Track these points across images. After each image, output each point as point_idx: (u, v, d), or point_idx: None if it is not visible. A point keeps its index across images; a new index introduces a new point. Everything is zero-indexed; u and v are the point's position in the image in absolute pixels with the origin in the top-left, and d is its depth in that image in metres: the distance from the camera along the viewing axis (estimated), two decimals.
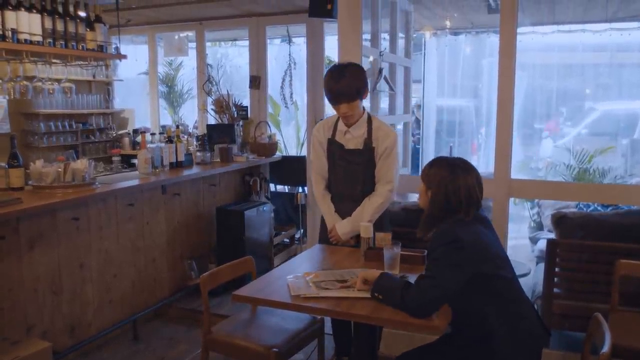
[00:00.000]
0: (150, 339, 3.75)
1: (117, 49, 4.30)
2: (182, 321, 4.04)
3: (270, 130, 5.51)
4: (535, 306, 3.10)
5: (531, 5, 4.97)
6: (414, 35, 6.12)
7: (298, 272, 2.42)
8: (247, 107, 5.43)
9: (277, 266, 2.73)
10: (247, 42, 5.80)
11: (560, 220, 3.16)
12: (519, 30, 3.04)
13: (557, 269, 3.19)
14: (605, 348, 1.84)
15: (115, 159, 4.82)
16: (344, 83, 2.70)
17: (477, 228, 2.10)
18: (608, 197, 2.91)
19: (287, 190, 6.09)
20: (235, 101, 5.23)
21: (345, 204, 2.95)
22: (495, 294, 2.05)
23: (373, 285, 2.12)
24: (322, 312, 2.08)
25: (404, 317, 1.95)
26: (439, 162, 2.21)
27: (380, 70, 3.85)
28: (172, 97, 7.71)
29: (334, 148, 2.94)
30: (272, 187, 5.80)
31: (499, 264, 2.08)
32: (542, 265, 3.52)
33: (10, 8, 3.32)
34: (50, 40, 3.56)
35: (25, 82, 3.61)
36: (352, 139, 2.90)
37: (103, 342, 3.63)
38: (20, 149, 3.79)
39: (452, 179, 2.11)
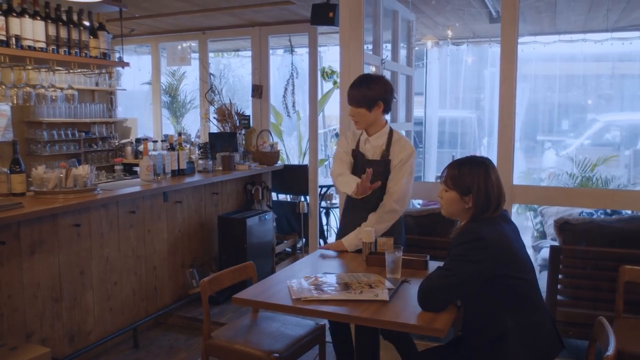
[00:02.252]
0: (150, 347, 3.72)
1: (120, 59, 4.31)
2: (182, 330, 4.02)
3: (273, 139, 5.52)
4: None
5: (532, 14, 4.98)
6: (416, 48, 6.14)
7: (299, 276, 2.40)
8: (249, 116, 5.45)
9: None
10: (249, 53, 5.84)
11: (563, 226, 3.13)
12: (520, 39, 3.05)
13: (560, 276, 3.16)
14: (610, 351, 1.81)
15: (117, 167, 4.82)
16: (358, 88, 2.83)
17: (502, 227, 2.04)
18: (611, 203, 2.89)
19: (289, 199, 6.08)
20: (237, 110, 5.24)
21: (360, 214, 2.92)
22: (514, 299, 2.00)
23: None
24: (324, 315, 2.05)
25: (406, 319, 1.93)
26: (467, 163, 2.12)
27: None
28: (175, 107, 7.74)
29: (357, 159, 2.97)
30: (274, 196, 5.79)
31: (522, 267, 2.02)
32: (545, 274, 3.49)
33: (15, 15, 3.34)
34: (54, 47, 3.58)
35: (28, 89, 3.62)
36: (371, 149, 2.92)
37: (103, 350, 3.61)
38: (23, 157, 3.80)
39: (487, 175, 2.05)
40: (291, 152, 7.53)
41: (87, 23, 3.91)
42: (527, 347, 1.98)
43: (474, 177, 2.06)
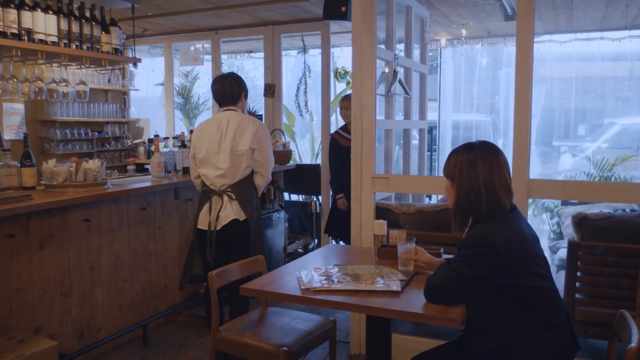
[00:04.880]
0: (160, 345, 3.69)
1: (133, 58, 4.31)
2: (192, 328, 3.98)
3: (285, 139, 5.48)
4: None
5: (548, 10, 4.90)
6: (430, 54, 6.08)
7: (309, 268, 2.35)
8: (261, 115, 5.42)
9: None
10: (262, 54, 5.82)
11: (581, 222, 3.04)
12: (536, 39, 2.98)
13: (578, 274, 3.07)
14: (634, 343, 1.72)
15: (130, 167, 4.82)
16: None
17: (518, 229, 1.92)
18: (632, 197, 2.78)
19: (301, 200, 6.04)
20: (249, 109, 5.22)
21: None
22: (523, 306, 1.88)
23: None
24: (333, 305, 2.00)
25: (419, 310, 1.86)
26: (456, 149, 2.04)
27: (395, 73, 3.80)
28: (188, 108, 7.75)
29: None
30: (286, 196, 5.75)
31: (535, 271, 1.90)
32: (562, 273, 3.40)
33: (27, 8, 3.34)
34: (66, 42, 3.58)
35: (39, 83, 3.62)
36: None
37: (112, 347, 3.58)
38: (37, 156, 3.79)
39: (471, 162, 1.94)
40: (304, 154, 7.50)
41: (98, 18, 3.91)
42: (536, 352, 1.88)
43: (457, 162, 1.98)
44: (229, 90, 3.36)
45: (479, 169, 1.93)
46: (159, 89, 7.50)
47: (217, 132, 3.30)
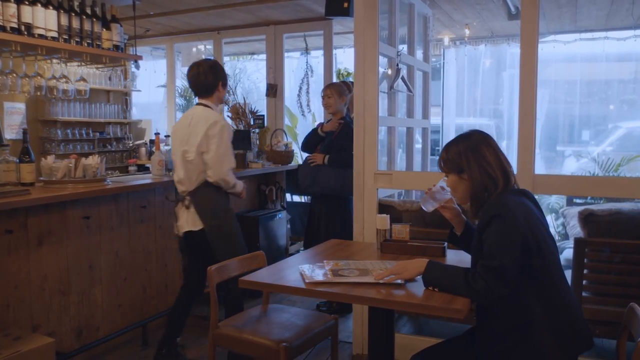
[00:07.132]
0: None
1: (134, 55, 4.29)
2: (192, 329, 3.91)
3: (287, 139, 5.45)
4: None
5: (552, 8, 4.86)
6: (433, 59, 6.06)
7: (310, 262, 2.30)
8: (263, 115, 5.39)
9: None
10: (264, 56, 5.80)
11: (588, 218, 2.98)
12: (540, 39, 2.94)
13: (585, 271, 3.01)
14: None
15: (131, 168, 4.80)
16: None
17: (522, 200, 1.92)
18: (639, 192, 2.73)
19: (304, 201, 6.00)
20: (251, 108, 5.19)
21: None
22: (540, 282, 1.85)
23: (424, 280, 1.92)
24: (334, 296, 1.94)
25: (423, 301, 1.81)
26: (453, 141, 2.03)
27: (398, 70, 3.77)
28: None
29: None
30: (288, 197, 5.71)
31: (548, 241, 1.88)
32: (568, 273, 3.34)
33: (27, 3, 3.33)
34: (66, 37, 3.55)
35: (39, 78, 3.59)
36: None
37: (112, 347, 3.53)
38: (37, 156, 3.76)
39: (475, 146, 1.95)
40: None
41: (99, 15, 3.89)
42: (556, 333, 1.84)
43: (460, 152, 1.98)
44: (202, 79, 3.05)
45: (486, 153, 1.96)
46: (162, 93, 7.48)
47: (182, 132, 3.09)
